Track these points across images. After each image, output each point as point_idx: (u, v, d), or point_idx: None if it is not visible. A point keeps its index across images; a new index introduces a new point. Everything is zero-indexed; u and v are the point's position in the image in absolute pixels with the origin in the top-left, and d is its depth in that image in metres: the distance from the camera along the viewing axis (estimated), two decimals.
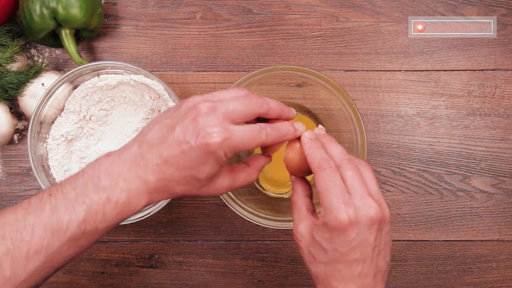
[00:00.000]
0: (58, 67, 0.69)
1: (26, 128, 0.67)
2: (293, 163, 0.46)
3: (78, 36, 0.67)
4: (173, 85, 0.68)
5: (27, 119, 0.67)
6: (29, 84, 0.64)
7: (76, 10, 0.61)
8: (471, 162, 0.68)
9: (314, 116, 0.65)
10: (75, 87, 0.64)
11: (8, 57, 0.64)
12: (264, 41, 0.68)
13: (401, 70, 0.68)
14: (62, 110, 0.64)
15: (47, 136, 0.63)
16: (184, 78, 0.68)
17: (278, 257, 0.67)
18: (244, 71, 0.68)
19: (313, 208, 0.46)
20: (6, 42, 0.65)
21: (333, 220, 0.40)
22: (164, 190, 0.42)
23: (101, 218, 0.41)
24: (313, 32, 0.68)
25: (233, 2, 0.69)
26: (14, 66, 0.65)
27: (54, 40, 0.65)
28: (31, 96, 0.64)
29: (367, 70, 0.68)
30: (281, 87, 0.65)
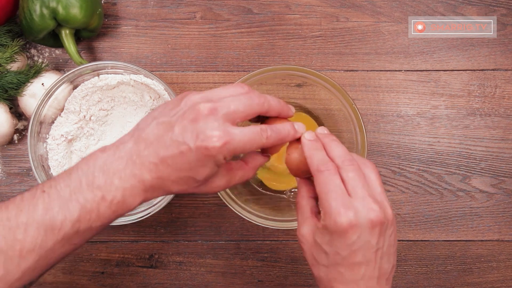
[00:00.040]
0: (58, 67, 0.68)
1: (26, 128, 0.67)
2: (294, 165, 0.46)
3: (78, 36, 0.67)
4: (173, 85, 0.68)
5: (27, 119, 0.67)
6: (29, 84, 0.64)
7: (76, 10, 0.61)
8: (471, 162, 0.68)
9: (314, 116, 0.65)
10: (75, 87, 0.64)
11: (8, 57, 0.64)
12: (264, 41, 0.68)
13: (401, 70, 0.68)
14: (62, 110, 0.64)
15: (47, 136, 0.63)
16: (184, 78, 0.68)
17: (278, 257, 0.67)
18: (244, 71, 0.68)
19: (317, 210, 0.45)
20: (6, 42, 0.64)
21: (333, 224, 0.40)
22: (160, 189, 0.42)
23: (95, 217, 0.41)
24: (313, 32, 0.68)
25: (233, 2, 0.68)
26: (14, 66, 0.65)
27: (54, 40, 0.65)
28: (31, 96, 0.64)
29: (367, 70, 0.68)
30: (281, 87, 0.65)
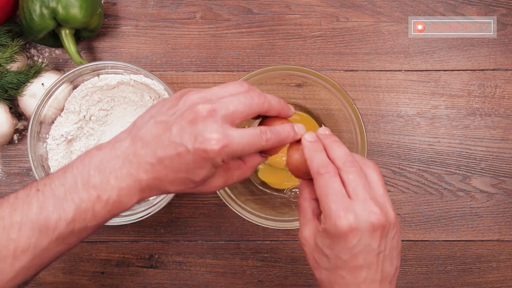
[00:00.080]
0: (58, 67, 0.68)
1: (26, 128, 0.67)
2: (295, 166, 0.45)
3: (78, 36, 0.67)
4: (173, 85, 0.68)
5: (27, 119, 0.67)
6: (29, 84, 0.64)
7: (76, 10, 0.61)
8: (471, 162, 0.67)
9: (314, 116, 0.65)
10: (75, 87, 0.64)
11: (8, 57, 0.64)
12: (264, 41, 0.68)
13: (401, 70, 0.68)
14: (62, 110, 0.64)
15: (47, 136, 0.63)
16: (184, 78, 0.68)
17: (278, 257, 0.67)
18: (244, 71, 0.68)
19: (320, 212, 0.44)
20: (6, 42, 0.64)
21: (333, 227, 0.39)
22: (157, 188, 0.41)
23: (91, 217, 0.40)
24: (313, 32, 0.68)
25: (233, 2, 0.68)
26: (14, 66, 0.65)
27: (54, 40, 0.65)
28: (31, 96, 0.64)
29: (367, 70, 0.68)
30: (281, 87, 0.65)
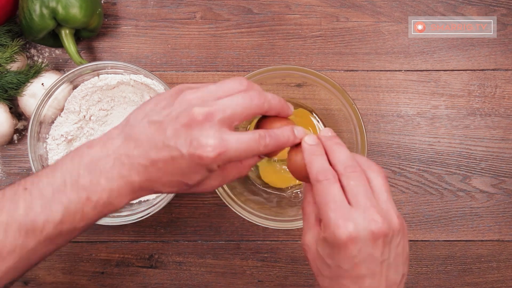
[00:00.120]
0: (58, 67, 0.68)
1: (26, 128, 0.67)
2: (296, 170, 0.43)
3: (78, 36, 0.67)
4: (173, 85, 0.67)
5: (27, 119, 0.67)
6: (29, 84, 0.64)
7: (76, 10, 0.61)
8: (471, 162, 0.67)
9: (314, 117, 0.65)
10: (75, 87, 0.64)
11: (8, 57, 0.64)
12: (264, 41, 0.68)
13: (401, 70, 0.68)
14: (62, 110, 0.64)
15: (47, 136, 0.63)
16: (184, 78, 0.68)
17: (278, 257, 0.67)
18: (244, 71, 0.68)
19: None
20: (6, 42, 0.64)
21: (332, 237, 0.38)
22: (149, 189, 0.41)
23: (80, 218, 0.40)
24: (313, 32, 0.68)
25: (233, 2, 0.68)
26: (14, 66, 0.65)
27: (54, 40, 0.65)
28: (31, 96, 0.64)
29: (367, 70, 0.68)
30: (281, 87, 0.65)
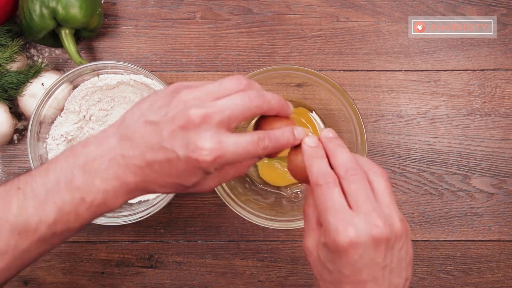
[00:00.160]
0: (58, 67, 0.68)
1: (26, 128, 0.67)
2: (297, 171, 0.42)
3: (78, 36, 0.67)
4: None
5: (27, 119, 0.67)
6: (29, 84, 0.64)
7: (76, 10, 0.61)
8: (472, 162, 0.67)
9: (314, 117, 0.65)
10: (75, 87, 0.64)
11: (8, 57, 0.64)
12: (264, 41, 0.68)
13: (401, 70, 0.68)
14: (62, 110, 0.64)
15: (47, 136, 0.63)
16: (184, 78, 0.68)
17: (278, 257, 0.67)
18: (244, 71, 0.68)
19: None
20: (6, 42, 0.64)
21: (332, 242, 0.37)
22: (145, 190, 0.40)
23: (74, 219, 0.39)
24: (313, 32, 0.68)
25: (233, 2, 0.68)
26: (14, 66, 0.64)
27: (54, 40, 0.65)
28: (31, 96, 0.64)
29: (367, 70, 0.68)
30: (281, 87, 0.65)
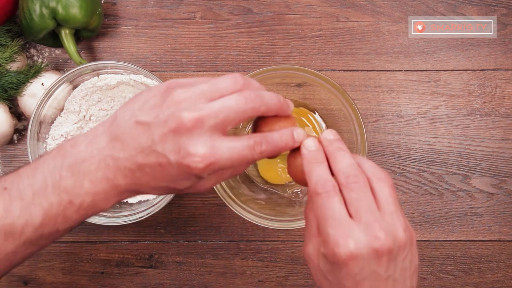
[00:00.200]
0: (58, 67, 0.68)
1: (26, 128, 0.67)
2: (297, 175, 0.41)
3: (78, 36, 0.67)
4: None
5: (27, 119, 0.67)
6: (29, 84, 0.64)
7: (76, 10, 0.61)
8: (472, 162, 0.67)
9: (315, 118, 0.65)
10: (75, 87, 0.64)
11: (8, 57, 0.64)
12: (264, 41, 0.68)
13: (401, 70, 0.68)
14: (62, 110, 0.64)
15: (47, 136, 0.63)
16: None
17: (278, 257, 0.67)
18: (244, 71, 0.68)
19: None
20: (6, 42, 0.64)
21: (331, 254, 0.35)
22: (137, 192, 0.39)
23: (62, 221, 0.38)
24: (313, 32, 0.68)
25: (233, 2, 0.68)
26: (14, 66, 0.64)
27: (54, 40, 0.65)
28: (31, 96, 0.64)
29: (367, 70, 0.68)
30: (281, 87, 0.65)
